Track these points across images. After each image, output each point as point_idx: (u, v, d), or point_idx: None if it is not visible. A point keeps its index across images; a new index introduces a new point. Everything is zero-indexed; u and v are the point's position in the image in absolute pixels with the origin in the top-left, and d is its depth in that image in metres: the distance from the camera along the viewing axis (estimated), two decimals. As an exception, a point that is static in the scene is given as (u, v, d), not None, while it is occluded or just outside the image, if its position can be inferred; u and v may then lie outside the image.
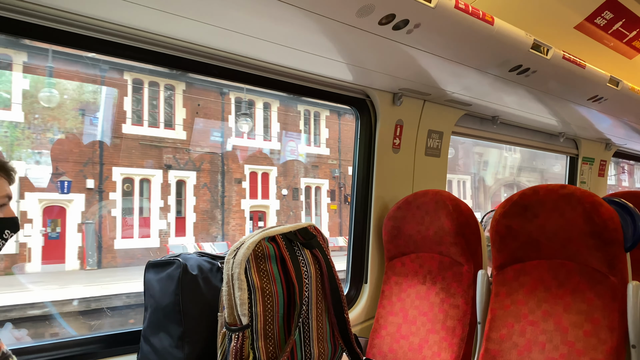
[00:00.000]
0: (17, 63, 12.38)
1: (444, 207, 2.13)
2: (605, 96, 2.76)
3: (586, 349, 1.67)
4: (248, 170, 16.78)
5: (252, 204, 17.11)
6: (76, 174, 13.33)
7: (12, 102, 12.36)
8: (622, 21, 2.50)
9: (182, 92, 15.73)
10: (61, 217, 13.42)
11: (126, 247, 14.25)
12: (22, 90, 12.46)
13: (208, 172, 16.02)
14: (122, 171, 14.23)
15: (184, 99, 15.67)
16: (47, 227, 13.31)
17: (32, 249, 12.96)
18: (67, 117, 13.26)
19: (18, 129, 12.59)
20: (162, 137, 14.87)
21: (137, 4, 1.47)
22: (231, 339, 1.46)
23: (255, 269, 1.49)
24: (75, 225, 13.50)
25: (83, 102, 13.24)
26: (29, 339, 1.78)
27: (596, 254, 1.72)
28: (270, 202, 17.56)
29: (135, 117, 14.47)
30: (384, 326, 2.23)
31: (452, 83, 2.37)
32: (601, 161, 4.44)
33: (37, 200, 12.89)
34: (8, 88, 12.32)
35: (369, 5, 1.52)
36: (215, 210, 16.33)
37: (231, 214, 16.62)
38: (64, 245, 13.53)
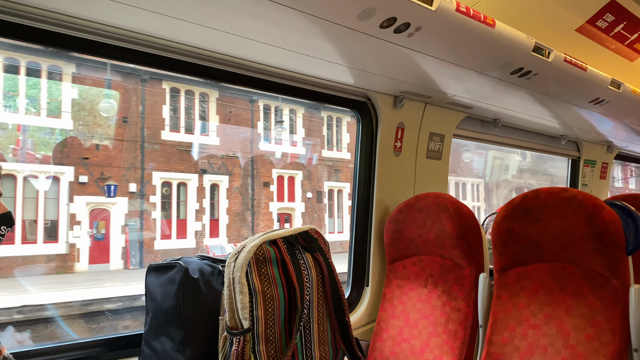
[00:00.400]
0: (66, 73, 13.36)
1: (445, 210, 2.12)
2: (606, 99, 2.76)
3: (588, 352, 1.67)
4: (275, 174, 17.68)
5: (280, 206, 17.96)
6: (120, 179, 14.32)
7: (62, 111, 13.32)
8: (623, 24, 2.49)
9: (215, 100, 16.47)
10: (106, 219, 14.27)
11: (165, 248, 14.93)
12: (71, 100, 13.46)
13: (239, 176, 16.82)
14: (161, 175, 15.16)
15: (217, 107, 16.42)
16: (93, 228, 14.15)
17: (80, 249, 13.78)
18: (111, 124, 14.17)
19: (68, 135, 13.57)
20: (200, 143, 15.98)
21: (141, 8, 1.48)
22: (232, 343, 1.46)
23: (257, 273, 1.49)
24: (119, 226, 14.36)
25: (124, 109, 14.21)
26: (30, 342, 1.78)
27: (598, 257, 1.71)
28: (296, 204, 18.37)
29: (172, 124, 15.45)
30: (386, 329, 2.22)
31: (453, 86, 2.36)
32: (603, 164, 4.44)
33: (84, 203, 13.75)
34: (58, 97, 13.30)
35: (370, 9, 1.52)
36: (246, 212, 17.08)
37: (260, 215, 17.39)
38: (109, 246, 14.29)
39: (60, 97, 13.36)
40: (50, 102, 13.27)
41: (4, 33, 1.52)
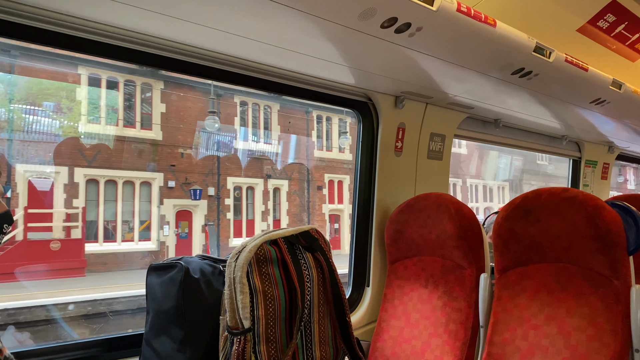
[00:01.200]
0: (156, 89, 15.70)
1: (446, 211, 2.12)
2: (608, 99, 2.76)
3: (589, 352, 1.67)
4: (327, 178, 19.91)
5: (330, 207, 20.12)
6: (200, 183, 16.51)
7: (152, 123, 15.56)
8: (624, 24, 2.49)
9: (277, 112, 18.33)
10: (189, 220, 16.37)
11: (238, 245, 17.24)
12: (160, 113, 15.72)
13: (297, 180, 18.87)
14: (233, 180, 17.27)
15: (278, 117, 18.27)
16: (179, 228, 16.21)
17: (169, 246, 15.90)
18: (191, 135, 16.32)
19: (158, 145, 15.65)
20: (264, 150, 18.15)
21: (142, 8, 1.48)
22: (233, 343, 1.46)
23: (257, 273, 1.49)
24: (199, 226, 16.49)
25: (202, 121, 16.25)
26: (30, 342, 1.78)
27: (599, 258, 1.71)
28: (344, 206, 20.50)
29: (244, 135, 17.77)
30: (386, 330, 2.22)
31: (454, 86, 2.36)
32: (604, 164, 4.43)
33: (172, 206, 15.93)
34: (149, 111, 15.59)
35: (371, 9, 1.52)
36: (303, 213, 19.30)
37: (315, 216, 19.57)
38: (191, 243, 16.32)
39: (151, 111, 15.62)
40: (143, 116, 15.52)
41: (7, 33, 1.52)
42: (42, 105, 13.13)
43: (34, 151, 13.28)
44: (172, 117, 15.80)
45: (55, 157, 13.50)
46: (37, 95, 13.11)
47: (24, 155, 13.09)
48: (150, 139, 15.43)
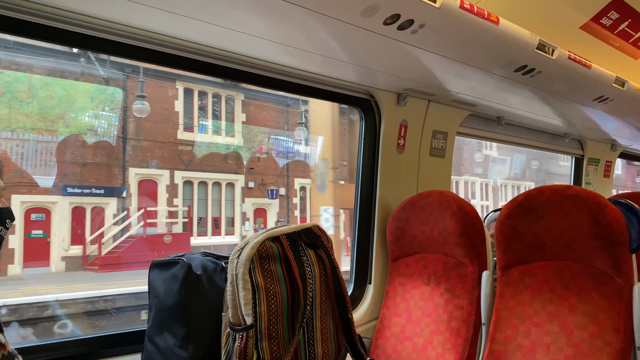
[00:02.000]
0: (237, 100, 17.74)
1: (448, 208, 2.12)
2: (610, 97, 2.75)
3: (591, 350, 1.67)
4: None
5: None
6: (273, 184, 18.43)
7: (235, 131, 17.78)
8: (628, 21, 2.48)
9: None
10: (264, 217, 18.25)
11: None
12: (241, 122, 17.82)
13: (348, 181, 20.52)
14: (300, 181, 19.12)
15: None
16: (256, 223, 18.07)
17: None
18: (265, 142, 18.47)
19: (240, 151, 17.85)
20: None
21: (144, 4, 1.48)
22: (235, 339, 1.46)
23: (260, 269, 1.49)
24: (272, 222, 18.28)
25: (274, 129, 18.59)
26: (33, 338, 1.78)
27: (602, 256, 1.71)
28: None
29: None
30: (388, 327, 2.22)
31: (457, 83, 2.36)
32: (607, 162, 4.43)
33: (251, 204, 18.01)
34: (232, 120, 17.74)
35: (374, 6, 1.52)
36: None
37: None
38: None
39: (234, 120, 17.73)
40: (227, 125, 17.62)
41: (11, 30, 1.52)
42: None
43: (142, 156, 15.26)
44: (251, 125, 18.05)
45: (161, 162, 15.82)
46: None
47: (134, 160, 14.95)
48: (234, 145, 17.77)
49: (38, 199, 12.82)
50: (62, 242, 13.10)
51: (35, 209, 12.91)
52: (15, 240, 12.68)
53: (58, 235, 13.17)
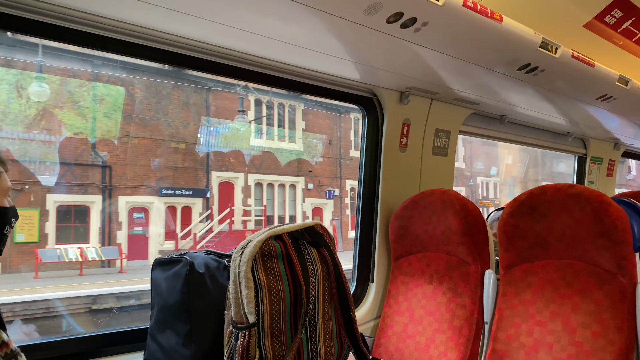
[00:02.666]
0: (298, 109, 19.46)
1: (451, 207, 2.12)
2: (614, 95, 2.74)
3: (594, 349, 1.66)
4: None
5: None
6: (327, 186, 20.18)
7: (296, 137, 19.50)
8: (631, 19, 2.47)
9: None
10: (320, 215, 19.85)
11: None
12: (301, 130, 19.56)
13: None
14: (350, 183, 20.80)
15: None
16: None
17: None
18: (321, 146, 20.26)
19: (301, 155, 19.74)
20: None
21: (147, 2, 1.48)
22: (238, 337, 1.46)
23: (262, 268, 1.49)
24: (328, 220, 19.74)
25: (330, 135, 20.45)
26: (36, 335, 1.79)
27: (605, 254, 1.71)
28: None
29: (356, 144, 21.22)
30: (391, 325, 2.22)
31: (460, 82, 2.35)
32: (610, 161, 4.41)
33: (310, 204, 19.71)
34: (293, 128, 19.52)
35: (377, 4, 1.52)
36: None
37: None
38: None
39: (295, 127, 19.50)
40: (289, 132, 19.38)
41: (15, 29, 1.52)
42: (224, 125, 17.14)
43: (222, 161, 17.16)
44: (310, 132, 19.89)
45: (235, 166, 17.65)
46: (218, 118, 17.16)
47: (215, 164, 16.98)
48: (296, 150, 19.62)
49: (139, 199, 14.52)
50: (158, 238, 14.79)
51: (137, 208, 14.51)
52: (122, 237, 14.49)
53: (154, 232, 14.92)
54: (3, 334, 1.11)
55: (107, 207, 13.75)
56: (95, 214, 13.75)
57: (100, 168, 13.48)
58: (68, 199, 13.24)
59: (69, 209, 13.41)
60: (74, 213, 13.50)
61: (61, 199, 13.03)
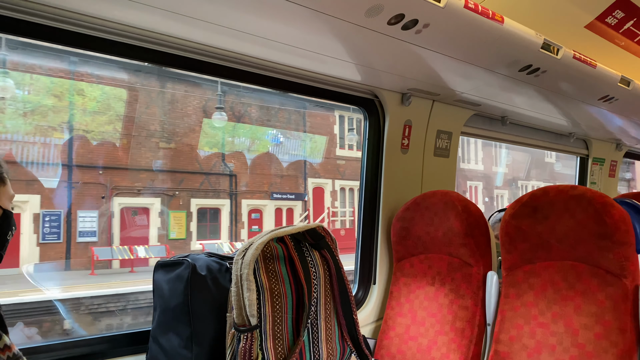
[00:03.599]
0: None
1: (453, 208, 2.12)
2: (616, 96, 2.74)
3: (597, 351, 1.66)
4: (469, 184, 24.18)
5: None
6: None
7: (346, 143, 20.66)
8: (633, 20, 2.47)
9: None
10: None
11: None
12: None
13: None
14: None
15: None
16: None
17: None
18: None
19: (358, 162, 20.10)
20: None
21: (148, 5, 1.48)
22: (240, 340, 1.46)
23: (264, 270, 1.49)
24: None
25: None
26: (38, 338, 1.78)
27: (607, 256, 1.70)
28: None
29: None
30: (393, 327, 2.22)
31: (461, 83, 2.35)
32: (612, 162, 4.41)
33: None
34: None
35: (378, 6, 1.52)
36: None
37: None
38: None
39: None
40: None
41: (17, 31, 1.52)
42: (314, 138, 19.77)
43: (315, 169, 19.67)
44: None
45: (325, 173, 20.11)
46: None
47: (310, 172, 19.48)
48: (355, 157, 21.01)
49: (256, 202, 17.38)
50: None
51: (254, 210, 17.33)
52: (244, 234, 16.86)
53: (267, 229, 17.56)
54: (5, 337, 1.11)
55: (233, 209, 16.58)
56: (225, 215, 16.52)
57: (228, 177, 16.48)
58: (205, 203, 15.96)
59: (206, 211, 16.12)
60: (209, 214, 16.28)
61: (200, 202, 15.76)
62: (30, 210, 11.84)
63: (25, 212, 11.79)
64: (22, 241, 11.63)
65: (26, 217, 11.85)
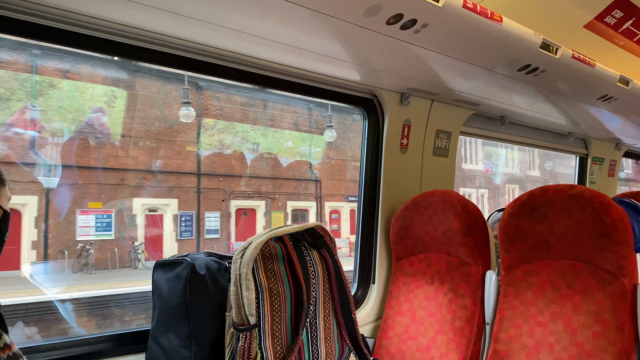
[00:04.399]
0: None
1: (452, 208, 2.12)
2: (615, 95, 2.74)
3: (595, 350, 1.66)
4: (508, 188, 24.87)
5: None
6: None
7: None
8: (632, 20, 2.47)
9: None
10: None
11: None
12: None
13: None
14: (463, 190, 22.31)
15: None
16: None
17: None
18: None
19: None
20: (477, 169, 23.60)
21: (149, 5, 1.48)
22: (239, 339, 1.46)
23: (263, 269, 1.49)
24: None
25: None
26: (38, 337, 1.79)
27: (606, 255, 1.71)
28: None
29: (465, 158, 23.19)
30: (392, 326, 2.22)
31: (460, 83, 2.36)
32: (611, 161, 4.41)
33: None
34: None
35: (377, 5, 1.52)
36: None
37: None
38: None
39: None
40: None
41: (18, 32, 1.53)
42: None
43: None
44: None
45: None
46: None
47: None
48: None
49: (335, 204, 18.83)
50: (347, 233, 18.49)
51: (334, 211, 18.73)
52: None
53: (345, 227, 18.78)
54: (5, 336, 1.12)
55: (318, 210, 18.24)
56: (312, 215, 17.84)
57: (314, 182, 18.41)
58: (298, 205, 17.66)
59: (297, 212, 17.66)
60: (299, 215, 17.69)
61: (294, 204, 17.47)
62: (170, 212, 13.89)
63: (166, 213, 13.81)
64: (164, 237, 13.68)
65: (168, 217, 13.86)
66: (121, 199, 12.36)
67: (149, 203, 13.27)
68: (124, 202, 12.40)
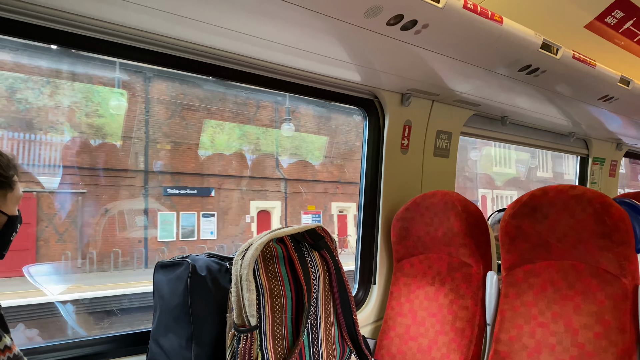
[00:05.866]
0: None
1: (453, 208, 2.12)
2: (615, 96, 2.74)
3: (597, 351, 1.66)
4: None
5: None
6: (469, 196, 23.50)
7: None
8: (633, 20, 2.47)
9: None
10: None
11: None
12: None
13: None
14: (481, 191, 23.20)
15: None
16: None
17: None
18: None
19: None
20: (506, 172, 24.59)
21: (148, 6, 1.48)
22: (240, 340, 1.46)
23: (264, 270, 1.49)
24: None
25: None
26: (39, 339, 1.79)
27: (607, 255, 1.70)
28: None
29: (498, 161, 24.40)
30: (393, 327, 2.22)
31: (461, 83, 2.35)
32: (612, 161, 4.41)
33: None
34: None
35: (377, 6, 1.52)
36: None
37: None
38: None
39: None
40: None
41: (15, 33, 1.53)
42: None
43: None
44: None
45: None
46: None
47: None
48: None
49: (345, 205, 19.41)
50: None
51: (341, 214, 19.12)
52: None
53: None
54: (6, 338, 1.12)
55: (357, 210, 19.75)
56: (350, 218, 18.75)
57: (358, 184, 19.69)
58: (340, 205, 18.26)
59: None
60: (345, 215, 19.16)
61: (338, 205, 18.30)
62: (352, 212, 17.95)
63: (349, 213, 17.95)
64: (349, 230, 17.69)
65: (350, 217, 17.88)
66: (324, 203, 17.22)
67: (340, 206, 17.64)
68: (326, 205, 17.25)
